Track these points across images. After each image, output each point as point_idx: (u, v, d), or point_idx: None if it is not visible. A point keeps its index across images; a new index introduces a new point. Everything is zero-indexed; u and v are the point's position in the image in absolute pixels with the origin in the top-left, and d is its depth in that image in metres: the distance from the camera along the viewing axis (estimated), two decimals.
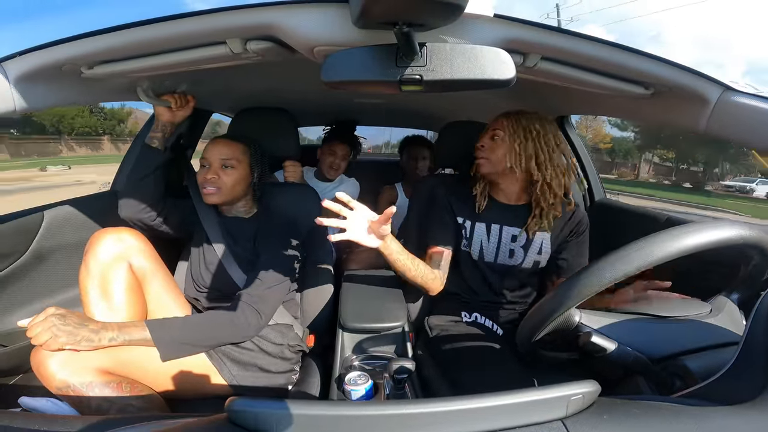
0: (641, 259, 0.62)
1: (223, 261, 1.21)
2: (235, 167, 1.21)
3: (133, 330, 0.92)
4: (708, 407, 0.50)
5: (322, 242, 1.43)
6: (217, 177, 1.19)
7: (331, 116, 2.50)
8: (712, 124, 0.84)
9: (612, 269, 0.63)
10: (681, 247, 0.61)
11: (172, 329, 0.96)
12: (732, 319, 0.74)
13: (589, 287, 0.65)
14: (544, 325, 0.71)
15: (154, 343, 0.93)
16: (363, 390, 0.94)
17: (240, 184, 1.23)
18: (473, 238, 1.23)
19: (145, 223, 1.22)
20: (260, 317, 1.06)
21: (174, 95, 1.17)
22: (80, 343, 0.84)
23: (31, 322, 0.84)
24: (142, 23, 0.71)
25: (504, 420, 0.46)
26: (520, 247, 1.21)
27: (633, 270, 0.63)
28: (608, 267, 0.64)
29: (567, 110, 1.66)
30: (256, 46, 0.76)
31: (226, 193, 1.21)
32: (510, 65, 0.63)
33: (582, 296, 0.66)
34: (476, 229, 1.22)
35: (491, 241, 1.22)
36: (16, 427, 0.48)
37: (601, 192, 1.77)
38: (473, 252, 1.23)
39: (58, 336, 0.82)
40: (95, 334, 0.87)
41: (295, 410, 0.43)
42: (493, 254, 1.22)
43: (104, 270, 1.00)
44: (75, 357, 0.84)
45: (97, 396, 0.84)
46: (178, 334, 0.96)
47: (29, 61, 0.75)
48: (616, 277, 0.63)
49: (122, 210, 1.20)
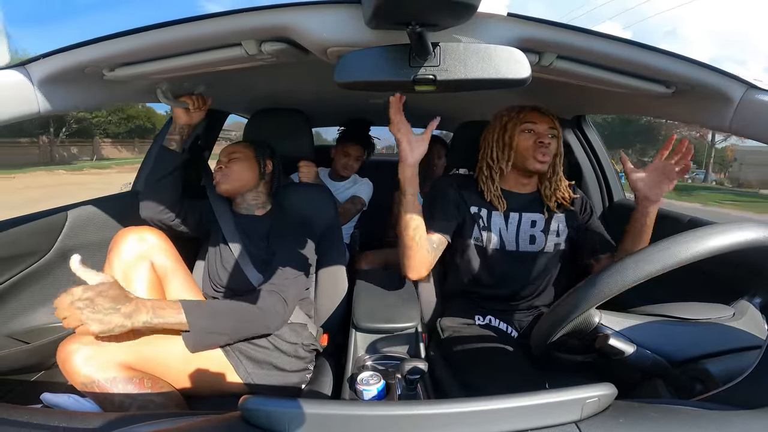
0: (665, 260, 0.60)
1: (239, 260, 1.23)
2: (240, 158, 1.29)
3: (168, 312, 0.89)
4: (729, 411, 0.48)
5: (336, 242, 1.43)
6: (224, 167, 1.28)
7: (345, 117, 2.51)
8: (736, 122, 0.82)
9: (636, 269, 0.62)
10: (706, 249, 0.59)
11: (204, 317, 0.95)
12: (755, 323, 0.72)
13: (611, 287, 0.63)
14: (562, 325, 0.70)
15: (189, 328, 0.91)
16: (375, 390, 0.94)
17: (246, 172, 1.29)
18: (491, 227, 1.21)
19: (164, 223, 1.25)
20: (285, 305, 1.07)
21: (191, 97, 1.20)
22: (113, 330, 0.81)
23: (57, 302, 0.80)
24: (160, 25, 0.73)
25: (517, 422, 0.45)
26: (540, 232, 1.22)
27: (657, 271, 0.61)
28: (632, 267, 0.62)
29: (584, 110, 1.63)
30: (270, 47, 0.77)
31: (233, 179, 1.28)
32: (525, 64, 0.62)
33: (603, 296, 0.64)
34: (494, 218, 1.22)
35: (510, 229, 1.21)
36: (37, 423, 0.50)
37: (620, 192, 1.74)
38: (491, 243, 1.20)
39: (89, 324, 0.79)
40: (128, 318, 0.83)
41: (308, 409, 0.43)
42: (513, 242, 1.21)
43: (127, 268, 1.02)
44: (100, 351, 0.86)
45: (119, 392, 0.85)
46: (209, 323, 0.95)
47: (53, 64, 0.77)
48: (639, 278, 0.62)
49: (143, 211, 1.24)
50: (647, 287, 0.68)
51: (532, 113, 1.19)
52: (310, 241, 1.26)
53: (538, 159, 1.17)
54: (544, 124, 1.18)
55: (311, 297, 1.37)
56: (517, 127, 1.18)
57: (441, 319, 1.30)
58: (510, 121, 1.20)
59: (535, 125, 1.18)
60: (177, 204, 1.25)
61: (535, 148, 1.17)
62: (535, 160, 1.17)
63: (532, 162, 1.18)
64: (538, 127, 1.18)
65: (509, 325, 1.22)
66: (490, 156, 1.23)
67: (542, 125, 1.18)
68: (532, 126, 1.18)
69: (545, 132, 1.17)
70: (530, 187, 1.27)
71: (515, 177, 1.25)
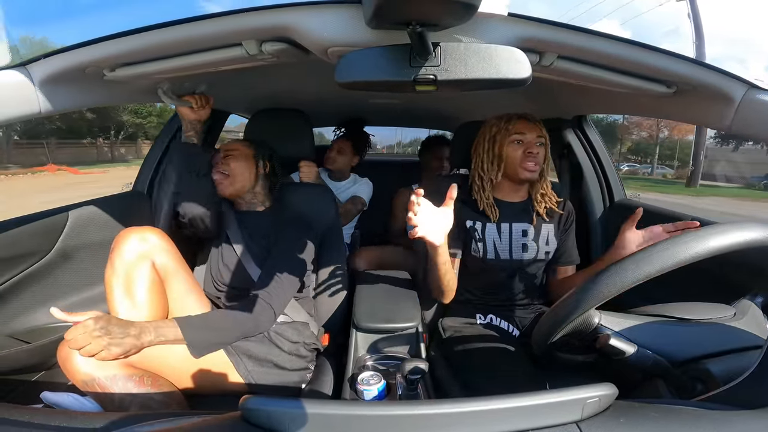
0: (665, 261, 0.60)
1: (241, 258, 1.24)
2: (237, 157, 1.29)
3: (166, 330, 0.94)
4: (729, 411, 0.48)
5: (337, 242, 1.43)
6: (223, 166, 1.27)
7: (346, 117, 2.52)
8: (737, 122, 0.81)
9: (635, 270, 0.62)
10: (707, 249, 0.59)
11: (201, 330, 0.99)
12: (756, 322, 0.72)
13: (611, 287, 0.63)
14: (562, 325, 0.70)
15: (186, 343, 0.96)
16: (376, 390, 0.94)
17: (245, 170, 1.29)
18: (485, 238, 1.23)
19: (204, 221, 1.23)
20: (275, 314, 1.09)
21: (194, 96, 1.20)
22: (130, 351, 0.88)
23: (71, 333, 0.84)
24: (161, 25, 0.73)
25: (518, 422, 0.45)
26: (531, 240, 1.24)
27: (657, 271, 0.61)
28: (632, 267, 0.62)
29: (585, 109, 1.63)
30: (271, 47, 0.77)
31: (233, 177, 1.27)
32: (525, 64, 0.62)
33: (603, 297, 0.64)
34: (488, 230, 1.23)
35: (503, 240, 1.23)
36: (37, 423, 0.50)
37: (621, 192, 1.74)
38: (487, 253, 1.22)
39: (110, 349, 0.85)
40: (137, 339, 0.89)
41: (308, 409, 0.43)
42: (507, 251, 1.23)
43: (129, 268, 1.03)
44: None
45: (120, 391, 0.86)
46: (206, 335, 0.99)
47: (53, 64, 0.77)
48: (638, 279, 0.61)
49: (188, 210, 1.21)
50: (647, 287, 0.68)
51: (520, 123, 1.20)
52: (311, 239, 1.26)
53: (528, 168, 1.19)
54: (532, 133, 1.19)
55: (312, 296, 1.37)
56: (506, 139, 1.20)
57: (443, 319, 1.30)
58: (498, 132, 1.21)
59: (523, 135, 1.19)
60: (214, 198, 1.25)
61: (524, 158, 1.19)
62: (525, 170, 1.19)
63: (522, 171, 1.20)
64: (526, 137, 1.19)
65: (511, 324, 1.23)
66: (481, 167, 1.25)
67: (531, 134, 1.19)
68: (520, 137, 1.20)
69: (533, 141, 1.19)
70: (522, 194, 1.29)
71: (507, 185, 1.27)
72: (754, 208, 12.53)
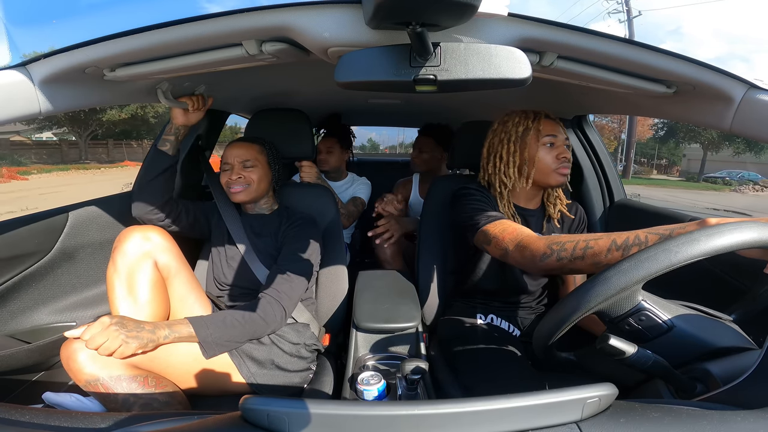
0: (668, 260, 0.60)
1: (246, 257, 1.23)
2: (256, 165, 1.27)
3: (180, 327, 0.95)
4: (730, 411, 0.48)
5: (337, 242, 1.43)
6: (242, 176, 1.24)
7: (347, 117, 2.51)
8: (737, 122, 0.81)
9: (637, 270, 0.62)
10: (711, 248, 0.58)
11: (213, 329, 0.98)
12: None
13: (612, 287, 0.63)
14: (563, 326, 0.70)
15: (199, 342, 0.97)
16: (376, 390, 0.94)
17: (264, 180, 1.28)
18: None
19: (154, 224, 1.23)
20: (285, 312, 1.09)
21: (191, 97, 1.19)
22: (147, 345, 0.88)
23: (86, 331, 0.84)
24: (161, 25, 0.73)
25: (518, 422, 0.45)
26: None
27: (658, 271, 0.60)
28: (633, 267, 0.62)
29: (585, 109, 1.63)
30: (271, 47, 0.77)
31: (254, 189, 1.26)
32: (525, 64, 0.62)
33: (604, 297, 0.64)
34: None
35: None
36: (38, 423, 0.50)
37: (621, 192, 1.74)
38: None
39: (129, 343, 0.85)
40: (153, 334, 0.90)
41: (308, 409, 0.43)
42: None
43: (131, 267, 1.03)
44: None
45: (123, 391, 0.86)
46: (219, 334, 0.99)
47: (54, 64, 0.77)
48: (638, 278, 0.61)
49: (133, 209, 1.22)
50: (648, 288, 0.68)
51: (547, 123, 1.10)
52: (316, 239, 1.26)
53: (563, 173, 1.10)
54: (561, 134, 1.11)
55: (313, 296, 1.37)
56: (537, 141, 1.10)
57: (443, 318, 1.30)
58: (527, 133, 1.10)
59: (555, 138, 1.10)
60: (168, 205, 1.22)
61: (558, 163, 1.09)
62: (560, 175, 1.10)
63: (555, 177, 1.10)
64: (558, 139, 1.10)
65: (511, 324, 1.23)
66: (504, 172, 1.13)
67: (561, 136, 1.10)
68: (552, 139, 1.09)
69: (563, 143, 1.11)
70: (537, 200, 1.22)
71: (526, 192, 1.18)
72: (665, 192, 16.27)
